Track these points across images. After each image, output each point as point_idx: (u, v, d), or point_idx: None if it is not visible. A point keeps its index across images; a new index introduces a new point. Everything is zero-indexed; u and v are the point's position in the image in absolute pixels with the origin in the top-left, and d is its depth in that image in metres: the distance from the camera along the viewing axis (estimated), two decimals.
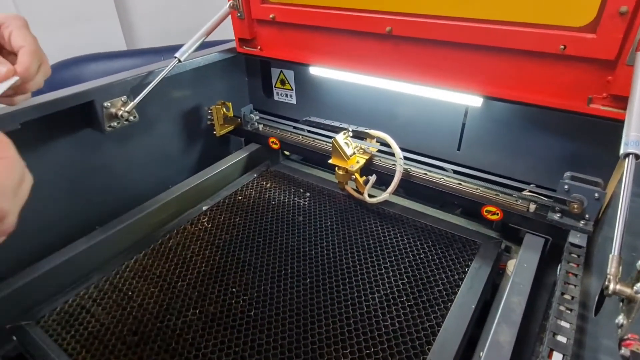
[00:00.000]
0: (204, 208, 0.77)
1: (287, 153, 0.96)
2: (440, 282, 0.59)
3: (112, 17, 2.01)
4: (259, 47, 0.83)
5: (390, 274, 0.61)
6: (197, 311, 0.56)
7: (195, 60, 0.81)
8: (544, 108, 0.59)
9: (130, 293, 0.60)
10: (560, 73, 0.55)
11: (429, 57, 0.64)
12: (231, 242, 0.69)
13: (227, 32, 0.88)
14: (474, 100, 0.65)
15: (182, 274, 0.63)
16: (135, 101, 0.70)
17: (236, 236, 0.70)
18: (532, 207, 0.61)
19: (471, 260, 0.63)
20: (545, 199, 0.61)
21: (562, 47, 0.52)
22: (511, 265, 0.64)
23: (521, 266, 0.57)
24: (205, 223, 0.74)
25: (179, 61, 0.73)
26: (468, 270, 0.61)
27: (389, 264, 0.63)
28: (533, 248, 0.61)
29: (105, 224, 0.68)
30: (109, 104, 0.68)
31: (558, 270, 0.53)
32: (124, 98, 0.70)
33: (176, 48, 0.74)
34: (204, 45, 0.78)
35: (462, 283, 0.59)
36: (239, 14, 0.79)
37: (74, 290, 0.60)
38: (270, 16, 0.76)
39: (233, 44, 0.89)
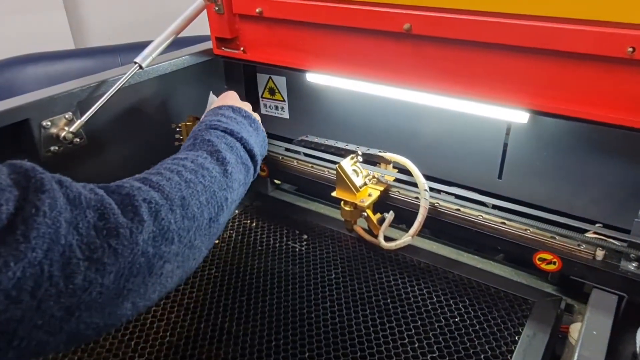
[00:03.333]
0: None
1: (277, 182, 0.96)
2: (482, 356, 0.58)
3: (57, 6, 2.06)
4: (241, 49, 0.84)
5: (416, 344, 0.60)
6: None
7: (160, 66, 0.82)
8: (609, 126, 0.59)
9: None
10: (628, 82, 0.55)
11: (459, 62, 0.65)
12: (205, 302, 0.68)
13: (202, 27, 0.89)
14: (518, 116, 0.66)
15: (139, 347, 0.61)
16: (83, 119, 0.70)
17: (211, 294, 0.69)
18: (600, 253, 0.61)
19: (522, 324, 0.62)
20: (617, 242, 0.60)
21: (631, 49, 0.53)
22: (575, 330, 0.62)
23: (589, 333, 0.56)
24: None
25: (140, 67, 0.74)
26: (519, 338, 0.60)
27: (413, 331, 0.62)
28: (604, 308, 0.59)
29: None
30: (48, 123, 0.68)
31: (637, 337, 0.52)
32: (68, 115, 0.70)
33: (137, 47, 0.74)
34: (172, 44, 0.79)
35: (511, 357, 0.57)
36: (216, 8, 0.81)
37: None
38: (257, 10, 0.77)
39: (209, 45, 0.90)
